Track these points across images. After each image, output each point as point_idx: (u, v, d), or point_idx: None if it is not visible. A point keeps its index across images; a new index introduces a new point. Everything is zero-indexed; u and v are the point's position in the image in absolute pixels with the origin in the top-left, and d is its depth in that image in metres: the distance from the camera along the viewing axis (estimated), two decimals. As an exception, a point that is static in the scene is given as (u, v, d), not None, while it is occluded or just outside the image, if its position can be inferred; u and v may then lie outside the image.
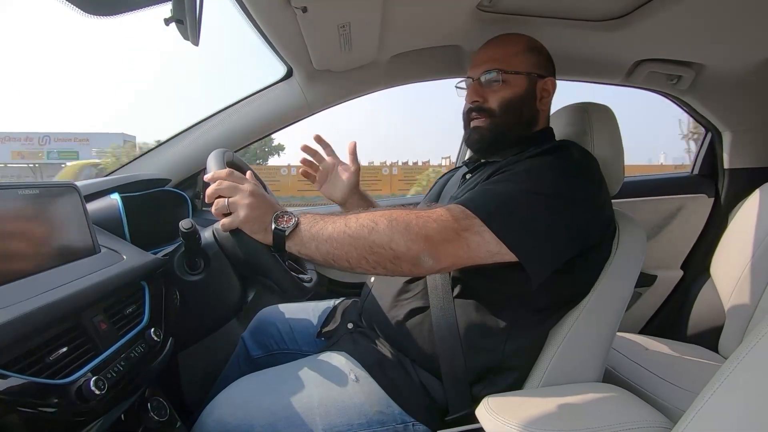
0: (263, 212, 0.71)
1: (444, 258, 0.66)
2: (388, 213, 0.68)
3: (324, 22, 0.88)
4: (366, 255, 0.66)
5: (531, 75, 0.86)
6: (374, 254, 0.66)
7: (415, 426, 0.76)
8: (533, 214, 0.68)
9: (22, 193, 0.61)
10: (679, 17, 0.95)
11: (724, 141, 1.43)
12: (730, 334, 1.20)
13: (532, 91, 0.87)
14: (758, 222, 1.19)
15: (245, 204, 0.70)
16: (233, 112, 1.26)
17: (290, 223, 0.69)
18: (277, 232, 0.69)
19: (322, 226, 0.69)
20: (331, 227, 0.68)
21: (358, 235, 0.66)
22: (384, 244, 0.65)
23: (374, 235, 0.65)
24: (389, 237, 0.65)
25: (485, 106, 0.87)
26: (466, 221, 0.66)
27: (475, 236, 0.66)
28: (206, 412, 0.77)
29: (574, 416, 0.69)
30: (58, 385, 0.53)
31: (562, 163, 0.74)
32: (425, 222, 0.66)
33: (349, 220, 0.68)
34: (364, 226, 0.66)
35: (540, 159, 0.75)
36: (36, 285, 0.57)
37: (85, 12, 0.62)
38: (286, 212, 0.71)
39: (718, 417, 0.45)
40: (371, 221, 0.67)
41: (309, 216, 0.72)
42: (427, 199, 1.05)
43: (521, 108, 0.86)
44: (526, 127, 0.88)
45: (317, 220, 0.70)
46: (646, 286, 1.48)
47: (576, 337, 0.77)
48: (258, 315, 1.11)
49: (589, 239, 0.74)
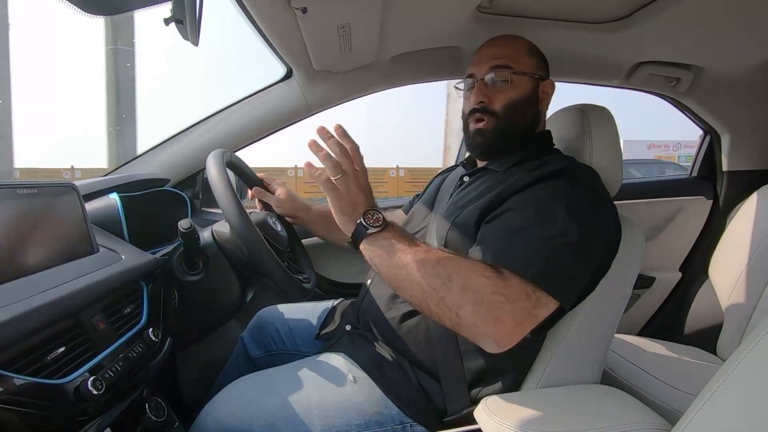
0: (360, 199, 0.69)
1: (510, 342, 0.61)
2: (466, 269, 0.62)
3: (324, 23, 0.88)
4: (430, 304, 0.62)
5: (535, 76, 0.86)
6: (439, 308, 0.62)
7: (414, 427, 0.76)
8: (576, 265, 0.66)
9: (21, 192, 0.61)
10: (678, 19, 0.96)
11: (723, 143, 1.44)
12: (728, 336, 1.20)
13: (535, 92, 0.86)
14: (756, 224, 1.19)
15: (353, 180, 0.68)
16: (233, 112, 1.25)
17: (377, 224, 0.67)
18: (361, 226, 0.67)
19: (403, 249, 0.65)
20: (410, 257, 0.64)
21: (430, 283, 0.62)
22: (452, 306, 0.61)
23: (445, 291, 0.61)
24: (459, 303, 0.60)
25: (490, 108, 0.84)
26: (536, 297, 0.62)
27: (542, 309, 0.63)
28: (204, 412, 0.77)
29: (572, 418, 0.69)
30: (55, 384, 0.53)
31: (587, 194, 0.72)
32: (500, 301, 0.60)
33: (428, 258, 0.64)
34: (439, 276, 0.62)
35: (560, 187, 0.72)
36: (34, 284, 0.57)
37: (85, 12, 0.62)
38: (377, 211, 0.68)
39: (716, 419, 0.45)
40: (447, 275, 0.62)
41: (396, 229, 0.69)
42: (422, 200, 1.04)
43: (526, 110, 0.85)
44: (529, 130, 0.87)
45: (401, 239, 0.67)
46: (645, 287, 1.49)
47: (574, 339, 0.77)
48: (257, 315, 1.11)
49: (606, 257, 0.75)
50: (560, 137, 0.92)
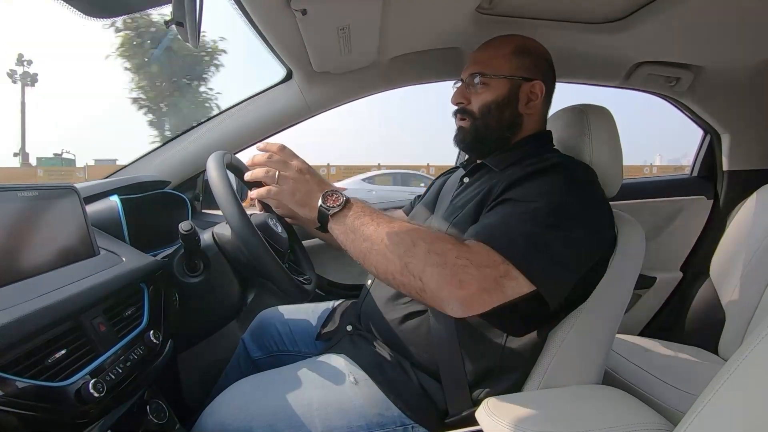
0: (312, 188, 0.70)
1: (476, 307, 0.61)
2: (430, 237, 0.63)
3: (324, 25, 0.88)
4: (395, 274, 0.63)
5: (514, 78, 0.85)
6: (403, 277, 0.62)
7: (415, 428, 0.76)
8: (560, 249, 0.66)
9: (22, 195, 0.61)
10: (677, 19, 0.96)
11: (723, 143, 1.44)
12: (729, 336, 1.20)
13: (514, 94, 0.86)
14: (757, 223, 1.19)
15: (295, 178, 0.69)
16: (233, 113, 1.26)
17: (338, 203, 0.68)
18: (323, 209, 0.68)
19: (365, 222, 0.66)
20: (373, 229, 0.65)
21: (394, 251, 0.62)
22: (416, 272, 0.61)
23: (409, 257, 0.61)
24: (422, 267, 0.61)
25: (468, 108, 0.88)
26: (504, 267, 0.62)
27: (511, 281, 0.62)
28: (206, 413, 0.77)
29: (573, 418, 0.69)
30: (57, 387, 0.53)
31: (575, 186, 0.72)
32: (464, 265, 0.60)
33: (392, 227, 0.64)
34: (403, 242, 0.62)
35: (549, 179, 0.72)
36: (35, 287, 0.57)
37: (84, 14, 0.61)
38: (336, 191, 0.69)
39: (718, 419, 0.45)
40: (411, 241, 0.62)
41: (359, 205, 0.69)
42: (423, 201, 1.05)
43: (501, 112, 0.86)
44: (509, 130, 0.87)
45: (364, 213, 0.67)
46: (646, 287, 1.48)
47: (575, 339, 0.77)
48: (258, 316, 1.11)
49: (597, 258, 0.75)
50: (560, 137, 0.92)
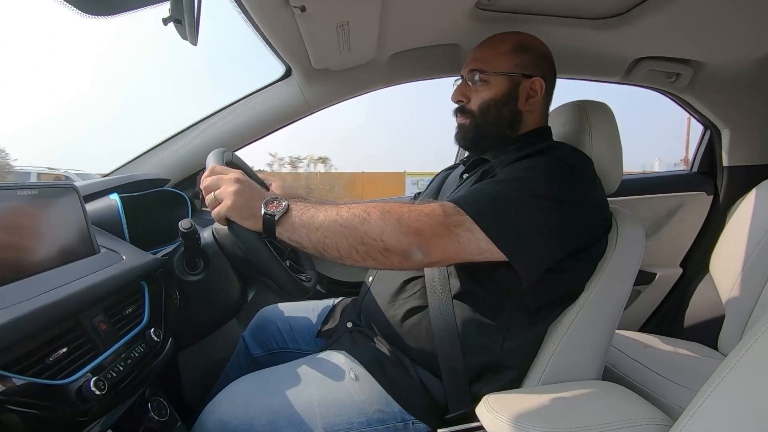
0: (251, 198, 0.70)
1: (434, 252, 0.66)
2: (381, 205, 0.67)
3: (322, 22, 0.87)
4: (357, 245, 0.66)
5: (513, 75, 0.86)
6: (365, 245, 0.65)
7: (415, 424, 0.76)
8: (523, 213, 0.68)
9: (21, 193, 0.61)
10: (677, 15, 0.95)
11: (723, 138, 1.43)
12: (729, 332, 1.20)
13: (514, 91, 0.86)
14: (757, 219, 1.19)
15: (231, 191, 0.69)
16: (232, 111, 1.25)
17: (280, 208, 0.68)
18: (267, 217, 0.68)
19: (314, 214, 0.68)
20: (323, 215, 0.67)
21: (349, 225, 0.66)
22: (375, 235, 0.65)
23: (366, 226, 0.65)
24: (381, 229, 0.65)
25: (467, 107, 0.89)
26: (457, 217, 0.67)
27: (465, 233, 0.66)
28: (207, 411, 0.77)
29: (573, 414, 0.69)
30: (58, 385, 0.53)
31: (554, 163, 0.74)
32: (417, 216, 0.66)
33: (341, 210, 0.68)
34: (356, 216, 0.66)
35: (532, 160, 0.75)
36: (36, 285, 0.57)
37: (82, 12, 0.61)
38: (276, 197, 0.70)
39: (717, 414, 0.45)
40: (364, 212, 0.66)
41: (300, 203, 0.71)
42: (426, 195, 1.05)
43: (501, 109, 0.87)
44: (509, 128, 0.88)
45: (309, 208, 0.69)
46: (646, 283, 1.49)
47: (575, 335, 0.77)
48: (258, 314, 1.11)
49: (582, 239, 0.74)
50: (560, 133, 0.92)
